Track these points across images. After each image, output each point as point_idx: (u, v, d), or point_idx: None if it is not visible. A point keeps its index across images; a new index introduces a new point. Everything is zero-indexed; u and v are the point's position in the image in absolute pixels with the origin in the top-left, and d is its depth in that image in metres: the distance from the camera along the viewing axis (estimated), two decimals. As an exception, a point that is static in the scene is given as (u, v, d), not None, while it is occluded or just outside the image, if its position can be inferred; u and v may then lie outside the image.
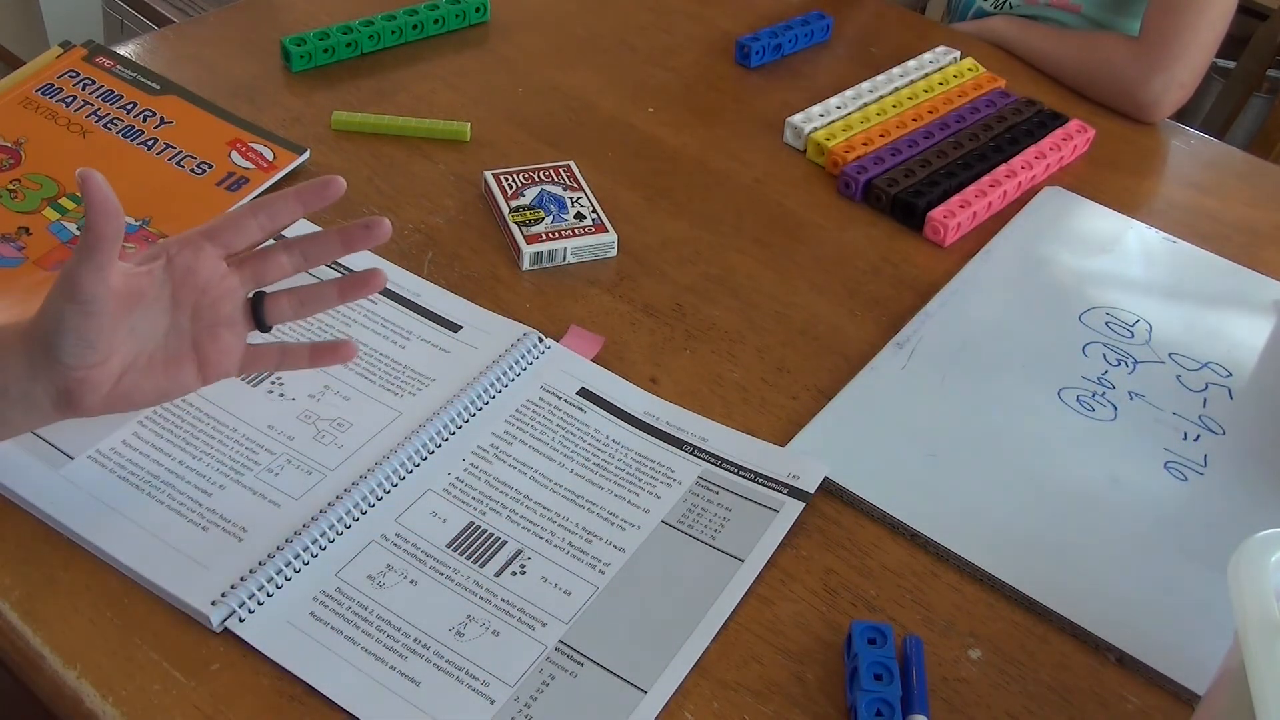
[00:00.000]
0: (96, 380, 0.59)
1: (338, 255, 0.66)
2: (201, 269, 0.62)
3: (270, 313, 0.65)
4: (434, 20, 1.09)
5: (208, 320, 0.63)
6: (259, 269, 0.64)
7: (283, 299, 0.65)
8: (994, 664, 0.66)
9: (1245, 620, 0.49)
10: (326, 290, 0.66)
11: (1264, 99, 1.89)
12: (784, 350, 0.83)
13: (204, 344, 0.63)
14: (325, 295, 0.66)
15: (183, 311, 0.62)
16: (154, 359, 0.62)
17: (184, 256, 0.61)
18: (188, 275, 0.61)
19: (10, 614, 0.61)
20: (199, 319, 0.62)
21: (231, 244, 0.63)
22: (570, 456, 0.73)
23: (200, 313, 0.62)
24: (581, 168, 0.95)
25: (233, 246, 0.63)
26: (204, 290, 0.62)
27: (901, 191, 0.96)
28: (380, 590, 0.64)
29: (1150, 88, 1.11)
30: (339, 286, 0.66)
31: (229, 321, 0.63)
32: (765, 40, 1.13)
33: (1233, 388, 0.85)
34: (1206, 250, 0.98)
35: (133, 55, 1.01)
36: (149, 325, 0.61)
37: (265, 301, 0.65)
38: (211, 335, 0.63)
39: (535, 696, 0.60)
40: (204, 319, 0.62)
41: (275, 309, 0.65)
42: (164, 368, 0.62)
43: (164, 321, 0.62)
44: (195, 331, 0.62)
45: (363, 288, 0.66)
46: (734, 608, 0.66)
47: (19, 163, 0.86)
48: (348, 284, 0.66)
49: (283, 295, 0.65)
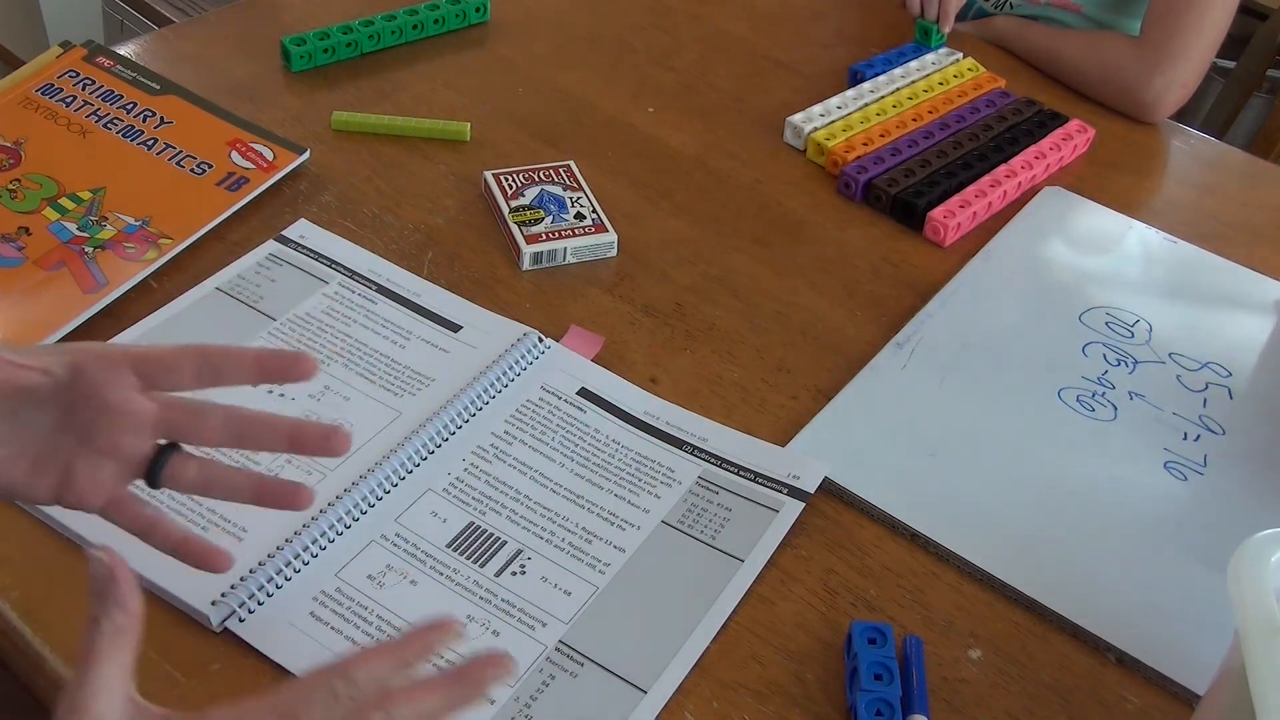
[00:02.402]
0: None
1: (279, 450, 0.58)
2: (110, 395, 0.53)
3: (169, 474, 0.56)
4: (434, 20, 1.09)
5: (96, 448, 0.54)
6: (182, 424, 0.55)
7: (191, 466, 0.56)
8: (994, 664, 0.66)
9: (1245, 620, 0.49)
10: (243, 485, 0.57)
11: (1264, 99, 1.89)
12: (784, 350, 0.83)
13: (78, 468, 0.54)
14: (239, 490, 0.57)
15: (70, 427, 0.54)
16: (23, 454, 0.53)
17: (95, 373, 0.54)
18: (92, 394, 0.53)
19: (10, 614, 0.61)
20: (87, 443, 0.54)
21: (157, 382, 0.55)
22: (570, 456, 0.73)
23: (91, 437, 0.54)
24: (581, 168, 0.95)
25: (157, 385, 0.55)
26: (104, 416, 0.53)
27: (901, 191, 0.96)
28: (380, 590, 0.64)
29: (1151, 87, 1.10)
30: (257, 488, 0.57)
31: (120, 458, 0.54)
32: (880, 66, 1.12)
33: (1233, 388, 0.85)
34: (1206, 250, 0.98)
35: (133, 55, 1.01)
36: (31, 418, 0.53)
37: (172, 459, 0.56)
38: (91, 465, 0.54)
39: (535, 696, 0.60)
40: (93, 445, 0.54)
41: (177, 473, 0.56)
42: (28, 465, 0.53)
43: (49, 422, 0.53)
44: (75, 452, 0.54)
45: (284, 501, 0.57)
46: (734, 608, 0.66)
47: (19, 163, 0.86)
48: (268, 491, 0.57)
49: (192, 461, 0.56)
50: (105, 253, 0.80)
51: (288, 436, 0.57)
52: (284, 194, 0.90)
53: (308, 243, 0.85)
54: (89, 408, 0.53)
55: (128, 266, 0.79)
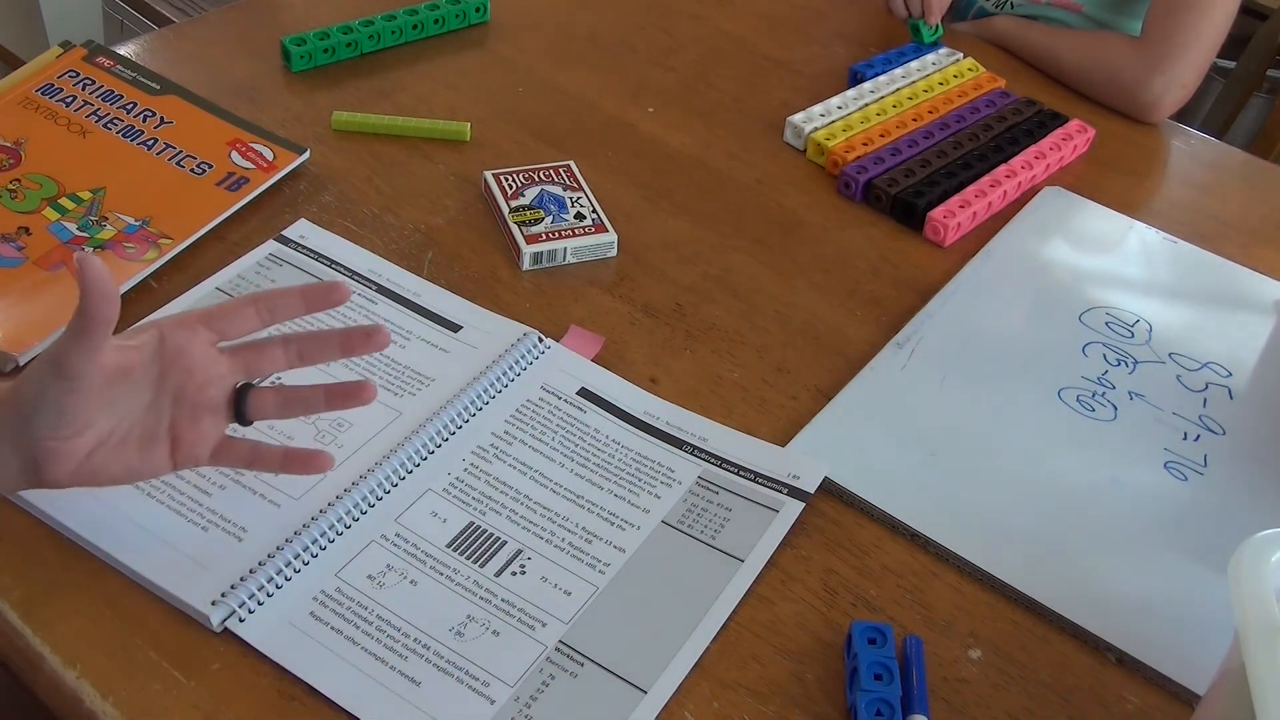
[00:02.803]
0: (67, 453, 0.57)
1: (334, 358, 0.65)
2: (193, 352, 0.60)
3: (253, 407, 0.63)
4: (434, 20, 1.09)
5: (190, 405, 0.61)
6: (251, 360, 0.63)
7: (268, 396, 0.64)
8: (994, 664, 0.65)
9: (1245, 620, 0.49)
10: (314, 396, 0.65)
11: (1264, 99, 1.89)
12: (784, 350, 0.83)
13: (181, 428, 0.61)
14: (312, 400, 0.65)
15: (165, 392, 0.60)
16: (128, 437, 0.60)
17: (177, 337, 0.60)
18: (178, 357, 0.60)
19: (10, 614, 0.61)
20: (181, 402, 0.61)
21: (228, 332, 0.62)
22: (570, 456, 0.73)
23: (184, 396, 0.60)
24: (581, 168, 0.95)
25: (228, 334, 0.62)
26: (191, 374, 0.60)
27: (901, 191, 0.96)
28: (380, 590, 0.64)
29: (1151, 88, 1.11)
30: (326, 394, 0.65)
31: (211, 408, 0.62)
32: (880, 67, 1.12)
33: (1233, 388, 0.85)
34: (1206, 250, 0.98)
35: (133, 55, 1.01)
36: (129, 401, 0.59)
37: (250, 395, 0.63)
38: (191, 420, 0.61)
39: (535, 696, 0.60)
40: (186, 403, 0.61)
41: (259, 404, 0.64)
42: (137, 447, 0.60)
43: (145, 399, 0.60)
44: (175, 414, 0.61)
45: (351, 399, 0.65)
46: (734, 608, 0.66)
47: (19, 163, 0.86)
48: (336, 392, 0.65)
49: (269, 392, 0.64)
50: (105, 253, 0.80)
51: (340, 344, 0.64)
52: (284, 194, 0.90)
53: (308, 243, 0.85)
54: (177, 372, 0.60)
55: (128, 266, 0.79)
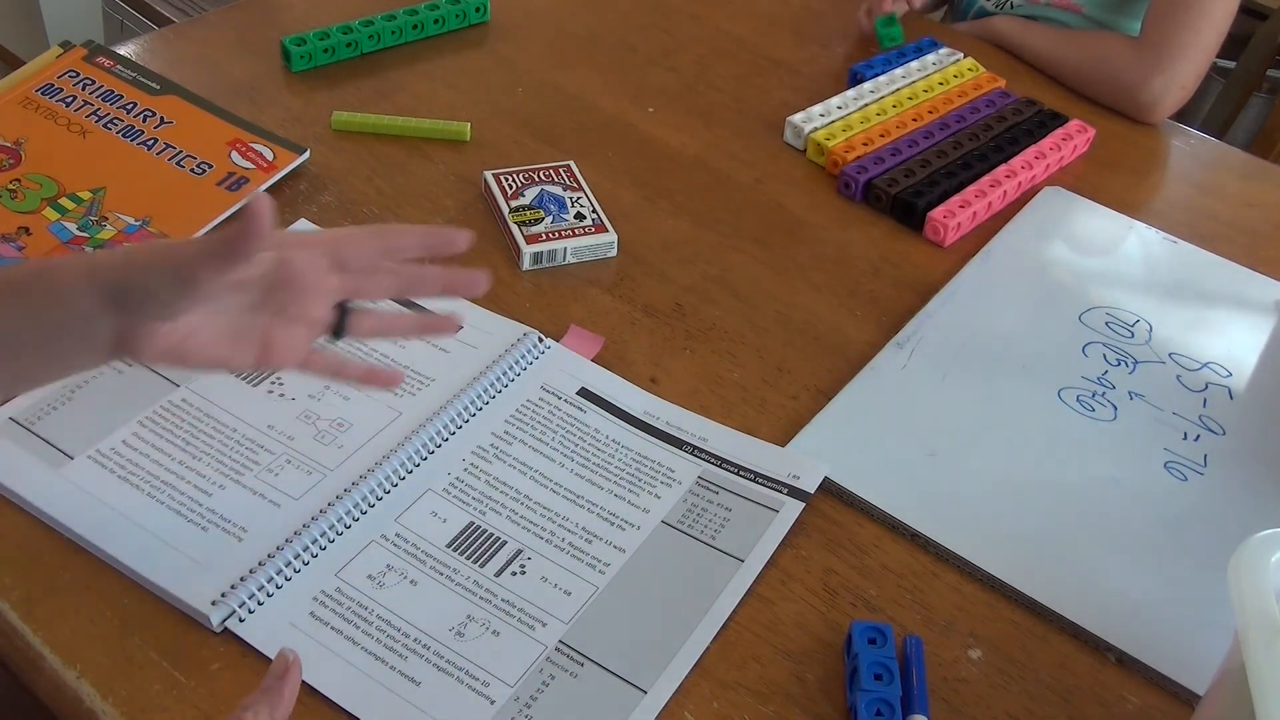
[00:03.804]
0: (160, 335, 0.57)
1: (434, 295, 0.67)
2: (308, 275, 0.61)
3: (351, 326, 0.64)
4: (434, 20, 1.09)
5: (291, 315, 0.61)
6: (360, 283, 0.64)
7: (367, 318, 0.65)
8: (994, 664, 0.66)
9: (1245, 620, 0.49)
10: (408, 323, 0.70)
11: (1264, 99, 1.89)
12: (784, 350, 0.83)
13: (277, 333, 0.61)
14: (405, 327, 0.71)
15: (270, 302, 0.61)
16: (223, 331, 0.60)
17: (300, 259, 0.61)
18: (293, 278, 0.61)
19: (10, 614, 0.61)
20: (282, 313, 0.61)
21: (347, 262, 0.63)
22: (570, 456, 0.73)
23: (287, 309, 0.61)
24: (581, 168, 0.95)
25: (347, 264, 0.63)
26: (301, 293, 0.61)
27: (901, 191, 0.96)
28: (380, 590, 0.64)
29: (1151, 88, 1.11)
30: (421, 323, 0.71)
31: (310, 321, 0.62)
32: (880, 67, 1.12)
33: (1233, 388, 0.85)
34: (1206, 250, 0.98)
35: (133, 55, 1.01)
36: (235, 303, 0.60)
37: (350, 315, 0.64)
38: (288, 328, 0.62)
39: (535, 696, 0.60)
40: (288, 313, 0.61)
41: (357, 324, 0.65)
42: (230, 341, 0.60)
43: (249, 303, 0.60)
44: (274, 321, 0.61)
45: (441, 329, 0.72)
46: (734, 608, 0.66)
47: (19, 163, 0.86)
48: (429, 323, 0.72)
49: (367, 315, 0.65)
50: (105, 253, 0.80)
51: (442, 284, 0.66)
52: (284, 194, 0.90)
53: (308, 243, 0.85)
54: (290, 288, 0.61)
55: (128, 266, 0.79)
